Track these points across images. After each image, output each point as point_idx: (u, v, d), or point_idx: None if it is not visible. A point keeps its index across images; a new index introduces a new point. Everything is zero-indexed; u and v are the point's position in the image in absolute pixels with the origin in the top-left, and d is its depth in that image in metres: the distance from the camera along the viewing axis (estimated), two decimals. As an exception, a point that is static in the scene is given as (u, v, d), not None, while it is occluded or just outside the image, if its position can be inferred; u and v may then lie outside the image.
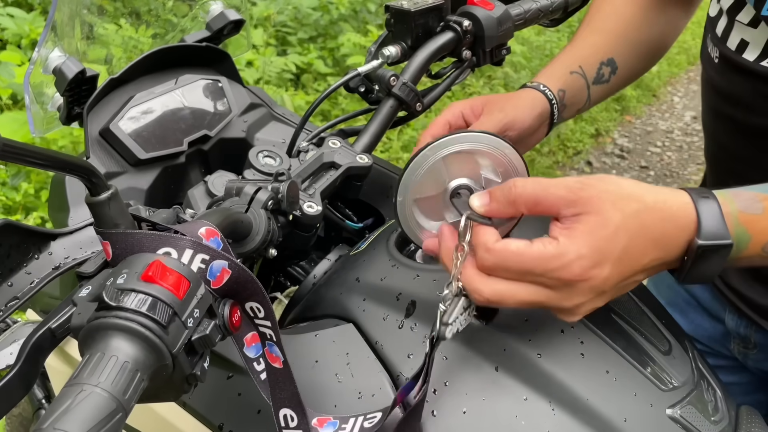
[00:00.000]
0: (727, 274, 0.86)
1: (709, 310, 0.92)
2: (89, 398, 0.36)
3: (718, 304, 0.90)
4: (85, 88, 0.77)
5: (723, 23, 0.75)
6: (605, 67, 0.85)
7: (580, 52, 0.86)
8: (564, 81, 0.82)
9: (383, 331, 0.58)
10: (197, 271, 0.44)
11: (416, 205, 0.57)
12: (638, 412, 0.55)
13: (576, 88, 0.84)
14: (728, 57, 0.75)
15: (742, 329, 0.87)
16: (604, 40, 0.87)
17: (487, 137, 0.54)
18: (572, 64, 0.84)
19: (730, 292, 0.86)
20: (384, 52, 0.80)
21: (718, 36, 0.76)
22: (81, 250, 0.56)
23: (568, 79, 0.83)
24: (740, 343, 0.88)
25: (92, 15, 0.88)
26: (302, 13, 3.54)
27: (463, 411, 0.53)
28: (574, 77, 0.83)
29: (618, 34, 0.87)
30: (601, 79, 0.85)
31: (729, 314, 0.88)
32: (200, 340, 0.42)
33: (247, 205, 0.60)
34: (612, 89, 0.89)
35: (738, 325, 0.87)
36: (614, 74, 0.87)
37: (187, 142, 0.77)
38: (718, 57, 0.77)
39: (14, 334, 0.84)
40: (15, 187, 2.26)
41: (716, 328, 0.91)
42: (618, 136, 4.07)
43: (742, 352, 0.89)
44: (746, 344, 0.88)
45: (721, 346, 0.92)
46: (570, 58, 0.85)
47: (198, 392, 0.61)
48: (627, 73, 0.89)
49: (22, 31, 2.73)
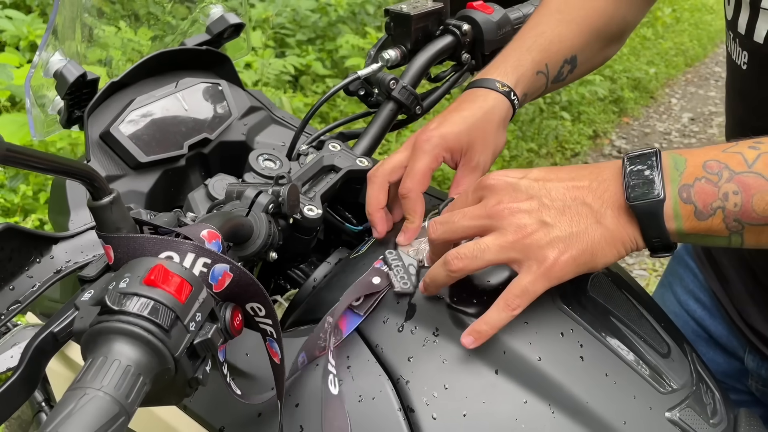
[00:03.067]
0: (748, 314, 0.82)
1: (726, 346, 0.87)
2: (92, 402, 0.36)
3: (737, 341, 0.85)
4: (85, 92, 0.77)
5: (745, 18, 0.69)
6: (566, 65, 0.79)
7: (549, 46, 0.77)
8: (530, 83, 0.75)
9: (383, 334, 0.58)
10: (199, 275, 0.44)
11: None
12: (637, 414, 0.56)
13: (536, 88, 0.77)
14: (760, 55, 0.68)
15: (764, 372, 0.83)
16: (571, 33, 0.78)
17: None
18: (540, 63, 0.76)
19: (752, 334, 0.82)
20: (384, 56, 0.81)
21: (742, 34, 0.70)
22: (82, 254, 0.57)
23: (534, 81, 0.76)
24: (759, 380, 0.84)
25: (92, 17, 0.88)
26: (301, 15, 3.54)
27: (463, 414, 0.54)
28: (539, 77, 0.76)
29: (586, 27, 0.79)
30: (559, 78, 0.79)
31: (749, 354, 0.84)
32: (202, 344, 0.43)
33: (248, 209, 0.60)
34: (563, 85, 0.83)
35: (760, 366, 0.83)
36: (571, 72, 0.80)
37: (188, 145, 0.77)
38: (746, 62, 0.71)
39: (15, 338, 0.84)
40: (13, 189, 2.26)
41: (732, 365, 0.87)
42: (616, 138, 4.07)
43: (761, 390, 0.85)
44: (766, 384, 0.84)
45: (737, 381, 0.88)
46: (539, 54, 0.76)
47: (199, 395, 0.61)
48: (584, 69, 0.83)
49: (21, 33, 2.73)
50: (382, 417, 0.55)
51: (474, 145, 0.69)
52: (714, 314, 0.88)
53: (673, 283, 0.95)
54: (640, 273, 2.67)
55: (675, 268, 0.95)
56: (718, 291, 0.86)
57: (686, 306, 0.92)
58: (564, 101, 3.90)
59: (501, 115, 0.71)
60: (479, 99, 0.71)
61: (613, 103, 4.32)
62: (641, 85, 4.68)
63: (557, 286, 0.55)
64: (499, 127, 0.71)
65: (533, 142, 3.54)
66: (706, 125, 4.40)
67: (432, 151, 0.66)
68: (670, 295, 0.95)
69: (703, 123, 4.43)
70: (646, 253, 0.56)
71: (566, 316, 0.58)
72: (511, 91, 0.72)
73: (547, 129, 3.65)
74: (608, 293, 0.64)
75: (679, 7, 6.30)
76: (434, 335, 0.57)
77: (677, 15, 6.13)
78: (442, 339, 0.57)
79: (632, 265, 2.75)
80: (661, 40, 5.49)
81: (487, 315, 0.54)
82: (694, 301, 0.91)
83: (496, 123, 0.71)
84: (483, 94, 0.71)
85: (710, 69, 5.60)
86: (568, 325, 0.58)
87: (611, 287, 0.66)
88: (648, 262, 2.78)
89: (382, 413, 0.55)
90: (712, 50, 6.14)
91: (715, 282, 0.87)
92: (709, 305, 0.89)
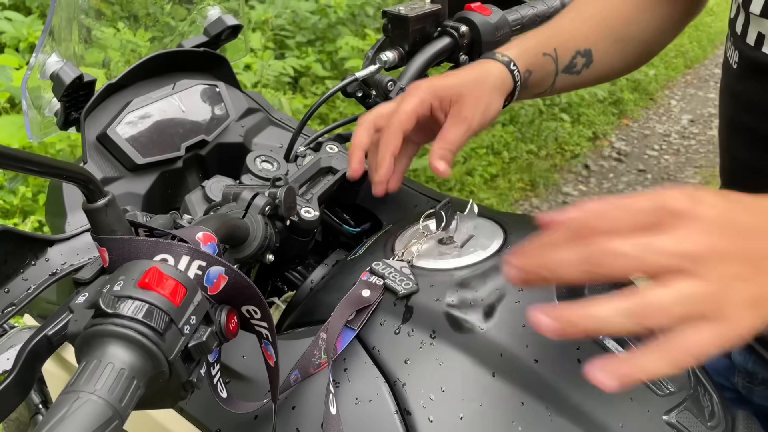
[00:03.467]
0: None
1: None
2: (85, 406, 0.36)
3: None
4: (82, 94, 0.77)
5: (741, 20, 0.70)
6: (580, 58, 0.78)
7: (558, 35, 0.78)
8: (534, 62, 0.75)
9: (380, 336, 0.58)
10: (194, 278, 0.44)
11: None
12: (635, 417, 0.56)
13: (544, 72, 0.77)
14: (747, 55, 0.70)
15: (750, 365, 0.83)
16: (586, 28, 0.79)
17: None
18: (547, 46, 0.76)
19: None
20: (381, 57, 0.81)
21: (738, 34, 0.71)
22: (78, 257, 0.56)
23: (539, 61, 0.75)
24: (746, 377, 0.85)
25: (90, 18, 0.88)
26: (300, 16, 3.54)
27: (460, 417, 0.53)
28: (546, 60, 0.76)
29: (603, 25, 0.79)
30: (572, 69, 0.78)
31: (736, 348, 0.84)
32: (197, 347, 0.42)
33: (245, 211, 0.60)
34: (581, 82, 0.82)
35: (746, 360, 0.83)
36: (587, 67, 0.79)
37: (185, 147, 0.77)
38: (737, 61, 0.73)
39: (11, 340, 0.84)
40: (12, 190, 2.26)
41: (720, 361, 0.88)
42: (615, 140, 4.07)
43: (747, 387, 0.85)
44: (752, 380, 0.84)
45: (725, 379, 0.88)
46: (546, 39, 0.77)
47: (195, 398, 0.61)
48: (603, 69, 0.82)
49: (20, 35, 2.73)
50: (379, 419, 0.54)
51: (465, 98, 0.67)
52: None
53: None
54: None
55: None
56: None
57: None
58: (563, 103, 3.90)
59: (496, 79, 0.70)
60: (475, 66, 0.71)
61: (612, 104, 4.32)
62: (641, 86, 4.68)
63: (554, 286, 0.55)
64: (494, 90, 0.70)
65: (533, 143, 3.54)
66: (706, 127, 4.40)
67: (420, 95, 0.66)
68: None
69: (702, 125, 4.43)
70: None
71: (563, 318, 0.58)
72: (511, 61, 0.71)
73: (547, 131, 3.65)
74: (606, 294, 0.64)
75: (679, 9, 6.30)
76: (431, 338, 0.57)
77: (677, 16, 6.12)
78: (438, 341, 0.57)
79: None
80: (660, 42, 5.49)
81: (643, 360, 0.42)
82: None
83: (490, 85, 0.70)
84: (480, 62, 0.72)
85: (710, 71, 5.60)
86: (565, 327, 0.58)
87: (608, 288, 0.65)
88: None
89: (379, 416, 0.55)
90: (712, 52, 6.15)
91: None
92: None
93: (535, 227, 0.52)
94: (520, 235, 0.65)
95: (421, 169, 2.91)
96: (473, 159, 3.21)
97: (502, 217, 0.69)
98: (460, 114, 0.67)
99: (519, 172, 3.34)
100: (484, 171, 3.17)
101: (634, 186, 3.56)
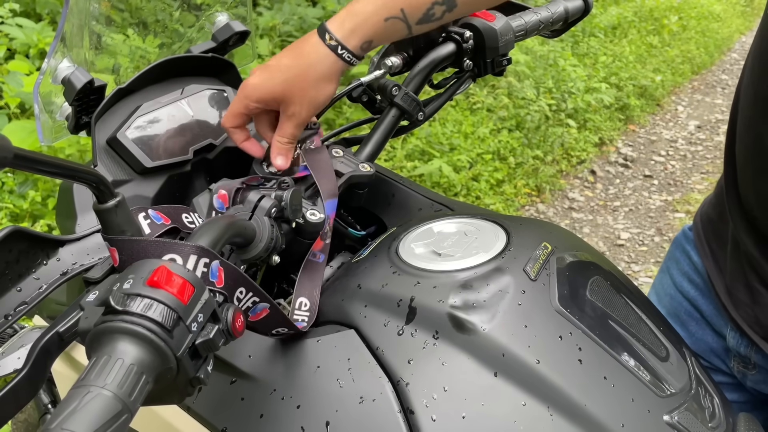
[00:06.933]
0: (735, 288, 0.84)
1: (712, 324, 0.91)
2: (96, 399, 0.37)
3: (721, 319, 0.88)
4: (93, 98, 0.78)
5: None
6: (438, 7, 0.74)
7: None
8: (375, 30, 0.73)
9: (384, 337, 0.59)
10: (201, 276, 0.45)
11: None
12: (635, 418, 0.56)
13: (390, 33, 0.74)
14: None
15: (743, 348, 0.85)
16: None
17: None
18: (392, 8, 0.72)
19: (734, 309, 0.84)
20: (386, 62, 0.82)
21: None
22: (88, 257, 0.58)
23: (380, 28, 0.73)
24: (740, 361, 0.87)
25: (100, 25, 0.89)
26: (308, 22, 3.57)
27: (462, 416, 0.54)
28: (390, 23, 0.73)
29: None
30: (430, 19, 0.75)
31: (731, 331, 0.86)
32: (204, 344, 0.43)
33: (251, 213, 0.61)
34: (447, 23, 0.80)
35: (739, 343, 0.85)
36: (450, 12, 0.75)
37: (193, 150, 0.79)
38: None
39: (21, 339, 0.85)
40: (22, 194, 2.28)
41: (718, 343, 0.90)
42: (622, 146, 4.07)
43: (741, 371, 0.87)
44: (746, 364, 0.86)
45: (722, 363, 0.91)
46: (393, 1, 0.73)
47: (201, 396, 0.62)
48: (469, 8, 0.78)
49: (31, 41, 2.76)
50: (382, 418, 0.55)
51: (290, 97, 0.73)
52: (705, 294, 0.92)
53: (671, 267, 0.99)
54: (646, 280, 2.67)
55: (673, 252, 0.99)
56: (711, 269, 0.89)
57: (681, 287, 0.95)
58: (570, 109, 3.91)
59: (323, 69, 0.73)
60: (306, 50, 0.73)
61: (619, 110, 4.32)
62: (647, 92, 4.68)
63: (555, 288, 0.56)
64: (319, 81, 0.73)
65: (539, 149, 3.55)
66: (713, 133, 4.39)
67: (242, 100, 0.74)
68: (668, 278, 0.99)
69: (709, 130, 4.43)
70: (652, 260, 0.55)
71: (565, 319, 0.59)
72: (338, 45, 0.72)
73: (553, 136, 3.66)
74: (607, 297, 0.65)
75: (686, 15, 6.30)
76: (434, 338, 0.58)
77: (684, 23, 6.13)
78: (441, 342, 0.57)
79: (638, 273, 2.75)
80: (667, 48, 5.49)
81: None
82: (688, 282, 0.94)
83: (314, 78, 0.73)
84: (314, 45, 0.74)
85: (717, 77, 5.60)
86: (566, 328, 0.59)
87: (610, 291, 0.66)
88: (654, 269, 2.77)
89: (383, 415, 0.55)
90: (719, 58, 6.14)
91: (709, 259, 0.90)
92: (701, 286, 0.92)
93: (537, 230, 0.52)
94: (523, 237, 0.65)
95: (427, 175, 2.92)
96: (479, 164, 3.21)
97: (505, 220, 0.70)
98: (287, 111, 0.73)
99: (525, 177, 3.35)
100: (490, 176, 3.18)
101: (640, 191, 3.56)
